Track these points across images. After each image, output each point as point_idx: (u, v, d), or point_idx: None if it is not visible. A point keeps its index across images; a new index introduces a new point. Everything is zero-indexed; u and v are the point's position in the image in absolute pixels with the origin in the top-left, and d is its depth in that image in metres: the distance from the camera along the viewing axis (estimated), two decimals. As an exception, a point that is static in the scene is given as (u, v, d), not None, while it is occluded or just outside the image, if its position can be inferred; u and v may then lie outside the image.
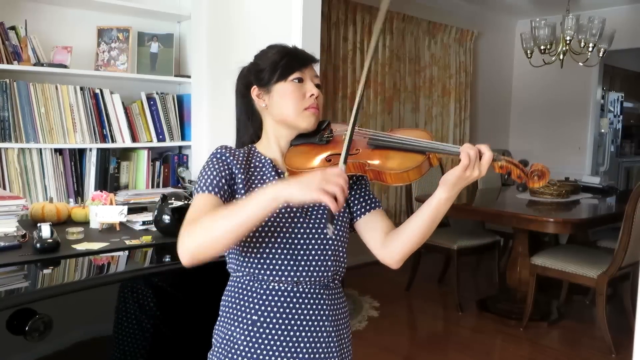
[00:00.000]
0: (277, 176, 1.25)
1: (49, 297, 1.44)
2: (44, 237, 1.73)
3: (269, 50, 1.31)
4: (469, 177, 1.10)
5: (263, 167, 1.27)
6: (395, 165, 1.15)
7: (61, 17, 2.81)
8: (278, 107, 1.25)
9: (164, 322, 1.17)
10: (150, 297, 1.60)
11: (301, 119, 1.25)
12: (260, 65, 1.29)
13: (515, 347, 3.42)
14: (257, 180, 1.25)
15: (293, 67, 1.26)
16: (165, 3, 3.06)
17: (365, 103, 4.91)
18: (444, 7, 5.57)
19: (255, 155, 1.29)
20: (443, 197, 1.13)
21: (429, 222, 1.17)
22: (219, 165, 1.21)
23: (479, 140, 6.21)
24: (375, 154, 1.19)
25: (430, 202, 1.16)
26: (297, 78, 1.25)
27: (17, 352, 1.35)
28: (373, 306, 4.02)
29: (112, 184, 2.78)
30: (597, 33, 4.12)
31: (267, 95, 1.27)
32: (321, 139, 1.27)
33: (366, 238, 1.29)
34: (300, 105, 1.24)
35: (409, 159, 1.15)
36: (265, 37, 2.58)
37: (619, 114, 7.61)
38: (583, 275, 3.38)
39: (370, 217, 1.29)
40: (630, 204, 3.16)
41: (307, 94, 1.25)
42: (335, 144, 1.25)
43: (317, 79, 1.30)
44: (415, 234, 1.20)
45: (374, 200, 1.31)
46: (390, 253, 1.25)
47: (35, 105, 2.56)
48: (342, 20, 4.66)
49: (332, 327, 1.24)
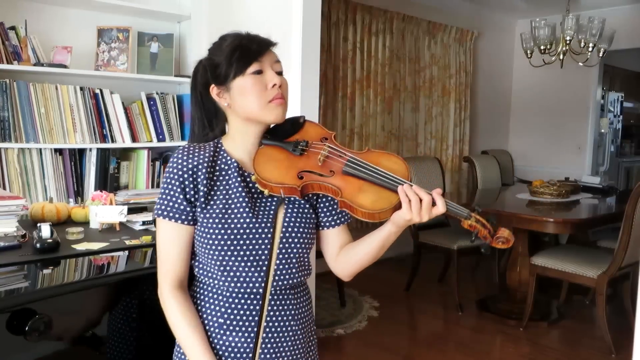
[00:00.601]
0: (242, 179, 1.19)
1: (49, 297, 1.44)
2: (44, 237, 1.73)
3: (221, 42, 1.21)
4: (412, 222, 1.13)
5: (229, 170, 1.20)
6: (367, 203, 1.12)
7: (61, 17, 2.80)
8: (240, 104, 1.18)
9: (164, 321, 1.17)
10: (150, 297, 1.60)
11: (266, 112, 1.18)
12: (214, 61, 1.20)
13: (515, 347, 3.42)
14: (221, 185, 1.18)
15: (249, 58, 1.16)
16: (165, 3, 3.06)
17: (365, 103, 4.91)
18: (444, 7, 5.57)
19: (221, 155, 1.22)
20: (393, 230, 1.17)
21: (377, 248, 1.20)
22: (176, 181, 1.16)
23: (479, 140, 6.22)
24: (349, 183, 1.15)
25: (381, 234, 1.18)
26: (255, 70, 1.17)
27: (17, 352, 1.35)
28: (373, 306, 4.02)
29: (112, 184, 2.78)
30: (597, 33, 4.12)
31: (227, 93, 1.19)
32: (295, 148, 1.20)
33: (324, 247, 1.29)
34: (263, 99, 1.17)
35: (383, 199, 1.13)
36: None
37: (619, 114, 7.61)
38: (583, 275, 3.38)
39: (334, 231, 1.27)
40: (630, 204, 3.16)
41: (269, 84, 1.17)
42: (309, 158, 1.19)
43: (278, 65, 1.22)
44: (363, 258, 1.22)
45: (343, 215, 1.28)
46: (341, 268, 1.27)
47: (35, 105, 2.56)
48: (342, 20, 4.66)
49: (297, 326, 1.23)
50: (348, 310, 3.89)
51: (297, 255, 1.20)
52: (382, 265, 1.27)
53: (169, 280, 1.17)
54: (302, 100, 2.49)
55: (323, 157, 1.18)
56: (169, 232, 1.16)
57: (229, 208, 1.16)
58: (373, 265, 1.29)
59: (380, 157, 1.20)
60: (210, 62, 1.21)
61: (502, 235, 1.14)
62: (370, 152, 1.22)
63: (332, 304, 3.97)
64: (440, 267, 4.67)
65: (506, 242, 1.14)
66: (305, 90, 2.51)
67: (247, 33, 1.21)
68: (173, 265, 1.17)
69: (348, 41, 4.73)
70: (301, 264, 1.22)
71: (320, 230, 1.27)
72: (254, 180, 1.18)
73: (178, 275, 1.17)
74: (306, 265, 1.25)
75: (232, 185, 1.18)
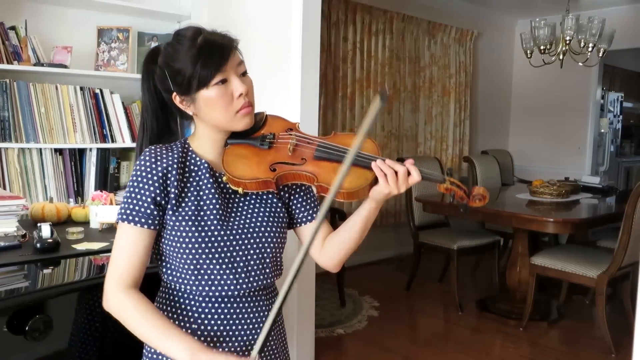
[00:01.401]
0: (213, 180, 1.16)
1: (49, 297, 1.44)
2: (44, 237, 1.73)
3: (178, 45, 1.12)
4: (390, 194, 1.12)
5: (199, 171, 1.17)
6: (345, 183, 1.10)
7: (61, 17, 2.80)
8: (207, 115, 1.14)
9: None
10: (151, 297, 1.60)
11: (235, 123, 1.15)
12: (174, 68, 1.11)
13: (515, 347, 3.42)
14: (192, 187, 1.15)
15: (211, 69, 1.09)
16: (165, 3, 3.06)
17: (365, 103, 4.91)
18: (444, 7, 5.57)
19: (190, 156, 1.18)
20: (373, 206, 1.16)
21: (361, 229, 1.18)
22: (144, 183, 1.11)
23: (479, 140, 6.22)
24: (323, 168, 1.14)
25: (360, 212, 1.17)
26: (219, 81, 1.10)
27: (17, 352, 1.35)
28: (373, 306, 4.02)
29: (112, 184, 2.78)
30: (597, 33, 4.12)
31: (192, 103, 1.14)
32: (263, 142, 1.18)
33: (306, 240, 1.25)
34: (230, 110, 1.13)
35: (359, 177, 1.12)
36: (265, 37, 2.58)
37: (619, 114, 7.62)
38: (583, 275, 3.38)
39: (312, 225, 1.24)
40: (630, 204, 3.16)
41: (235, 94, 1.12)
42: (278, 149, 1.17)
43: (242, 67, 1.15)
44: (348, 242, 1.20)
45: (317, 207, 1.26)
46: (328, 258, 1.24)
47: (35, 105, 2.56)
48: (342, 20, 4.66)
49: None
50: (348, 310, 3.89)
51: (271, 255, 1.19)
52: (382, 265, 1.26)
53: (123, 281, 1.10)
54: (302, 100, 2.49)
55: (292, 147, 1.17)
56: (132, 236, 1.11)
57: (201, 209, 1.13)
58: (373, 265, 1.29)
59: (348, 139, 1.18)
60: (169, 68, 1.12)
61: (478, 193, 1.15)
62: (337, 135, 1.21)
63: (332, 304, 3.97)
64: (440, 267, 4.67)
65: (482, 199, 1.15)
66: (305, 90, 2.51)
67: (206, 33, 1.13)
68: (131, 268, 1.10)
69: (348, 41, 4.73)
70: (274, 264, 1.21)
71: (299, 227, 1.26)
72: (225, 180, 1.15)
73: (134, 279, 1.11)
74: (279, 265, 1.24)
75: (203, 186, 1.15)
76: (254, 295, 1.18)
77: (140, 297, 1.10)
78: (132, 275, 1.11)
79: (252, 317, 1.18)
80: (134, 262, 1.11)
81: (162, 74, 1.15)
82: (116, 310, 1.10)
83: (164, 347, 1.06)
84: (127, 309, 1.08)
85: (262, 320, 1.19)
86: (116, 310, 1.10)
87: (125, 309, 1.09)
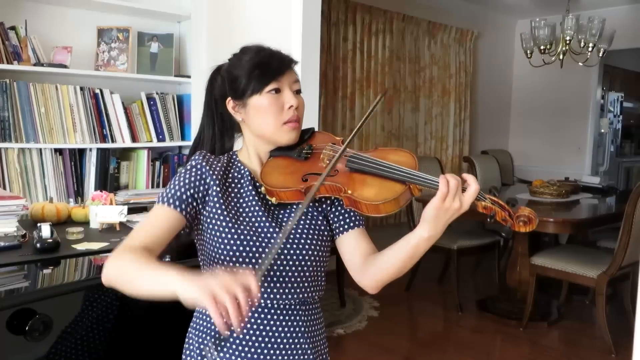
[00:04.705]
0: (255, 190, 1.17)
1: (49, 297, 1.44)
2: (44, 237, 1.73)
3: (242, 55, 1.19)
4: (449, 209, 1.00)
5: (242, 179, 1.18)
6: (371, 194, 1.07)
7: (61, 17, 2.80)
8: (255, 122, 1.16)
9: (165, 320, 1.17)
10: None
11: (280, 135, 1.16)
12: (233, 74, 1.17)
13: (515, 347, 3.42)
14: (233, 194, 1.16)
15: (268, 77, 1.14)
16: (165, 3, 3.06)
17: (365, 103, 4.91)
18: (444, 7, 5.57)
19: (235, 165, 1.21)
20: (424, 235, 1.03)
21: (406, 259, 1.07)
22: (190, 176, 1.13)
23: (479, 140, 6.22)
24: (353, 179, 1.12)
25: (409, 240, 1.06)
26: (273, 89, 1.14)
27: (17, 352, 1.35)
28: (373, 306, 4.02)
29: (112, 184, 2.78)
30: (597, 33, 4.12)
31: (243, 109, 1.17)
32: (300, 153, 1.18)
33: (345, 259, 1.20)
34: (278, 120, 1.15)
35: (387, 189, 1.07)
36: (265, 37, 2.58)
37: (619, 114, 7.62)
38: (583, 275, 3.38)
39: (349, 236, 1.19)
40: (630, 204, 3.16)
41: (286, 105, 1.15)
42: (313, 161, 1.17)
43: (297, 84, 1.19)
44: (391, 268, 1.11)
45: (356, 218, 1.20)
46: (366, 278, 1.16)
47: (35, 105, 2.56)
48: (342, 20, 4.66)
49: (307, 344, 1.17)
50: (348, 310, 3.89)
51: (311, 268, 1.15)
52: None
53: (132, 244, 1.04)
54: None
55: (326, 158, 1.16)
56: (159, 213, 1.10)
57: (240, 216, 1.13)
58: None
59: (388, 152, 1.16)
60: (229, 75, 1.18)
61: (523, 214, 1.02)
62: (378, 149, 1.19)
63: (332, 304, 3.97)
64: (440, 267, 4.67)
65: (529, 222, 1.01)
66: (305, 90, 2.47)
67: (269, 48, 1.19)
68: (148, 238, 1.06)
69: (348, 41, 4.73)
70: (315, 279, 1.17)
71: (336, 239, 1.20)
72: (263, 191, 1.15)
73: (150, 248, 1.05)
74: (320, 280, 1.20)
75: (244, 194, 1.17)
76: (291, 309, 1.15)
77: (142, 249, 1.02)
78: (145, 241, 1.05)
79: (288, 331, 1.14)
80: (151, 231, 1.08)
81: (221, 81, 1.21)
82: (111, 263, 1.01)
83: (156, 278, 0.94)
84: (123, 256, 1.01)
85: (298, 337, 1.15)
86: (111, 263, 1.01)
87: (120, 257, 1.01)
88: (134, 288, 0.98)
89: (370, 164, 1.11)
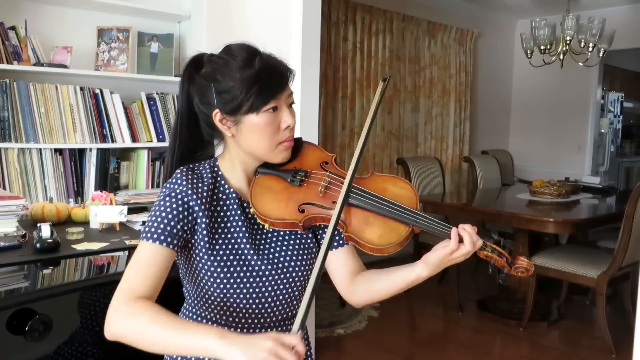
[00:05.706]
0: (241, 211, 1.11)
1: (49, 297, 1.44)
2: (44, 237, 1.73)
3: (230, 60, 1.07)
4: (453, 260, 1.05)
5: (227, 201, 1.12)
6: (374, 237, 1.06)
7: (61, 17, 2.80)
8: (247, 141, 1.08)
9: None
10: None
11: (273, 155, 1.10)
12: (223, 85, 1.06)
13: (515, 347, 3.42)
14: (220, 218, 1.10)
15: (267, 96, 1.05)
16: (165, 3, 3.06)
17: (365, 103, 4.90)
18: (444, 7, 5.57)
19: (220, 183, 1.12)
20: (423, 275, 1.07)
21: (400, 289, 1.11)
22: (177, 207, 1.04)
23: (479, 140, 6.21)
24: (354, 215, 1.08)
25: (407, 276, 1.09)
26: (271, 107, 1.06)
27: (17, 352, 1.35)
28: (373, 306, 4.02)
29: (112, 184, 2.78)
30: (597, 33, 4.12)
31: (234, 125, 1.07)
32: (294, 178, 1.11)
33: (331, 272, 1.19)
34: (273, 141, 1.08)
35: (391, 231, 1.06)
36: (265, 37, 2.58)
37: (619, 114, 7.62)
38: (583, 275, 3.38)
39: (338, 254, 1.18)
40: (630, 204, 3.15)
41: (283, 125, 1.08)
42: (309, 188, 1.11)
43: (291, 98, 1.11)
44: (382, 293, 1.13)
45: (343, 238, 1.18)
46: (354, 296, 1.17)
47: (35, 105, 2.56)
48: (342, 20, 4.66)
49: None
50: (348, 310, 3.89)
51: (300, 287, 1.15)
52: (381, 266, 1.25)
53: (134, 293, 0.97)
54: (302, 101, 2.49)
55: (323, 188, 1.11)
56: (150, 252, 1.01)
57: (229, 242, 1.09)
58: (373, 265, 1.28)
59: (386, 183, 1.12)
60: (216, 83, 1.07)
61: (520, 265, 1.09)
62: (375, 176, 1.15)
63: (332, 304, 3.97)
64: (440, 267, 4.66)
65: (525, 271, 1.09)
66: (305, 90, 2.51)
67: (264, 54, 1.09)
68: (146, 282, 0.99)
69: (348, 41, 4.73)
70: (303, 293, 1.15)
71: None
72: (252, 212, 1.10)
73: (148, 296, 0.98)
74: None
75: (231, 217, 1.11)
76: (282, 324, 1.15)
77: (152, 302, 0.96)
78: (146, 290, 0.98)
79: None
80: (148, 276, 0.99)
81: (205, 85, 1.08)
82: (122, 320, 0.94)
83: (187, 341, 0.88)
84: (136, 313, 0.93)
85: None
86: (122, 320, 0.94)
87: (133, 314, 0.93)
88: (155, 348, 0.92)
89: (373, 203, 1.07)
